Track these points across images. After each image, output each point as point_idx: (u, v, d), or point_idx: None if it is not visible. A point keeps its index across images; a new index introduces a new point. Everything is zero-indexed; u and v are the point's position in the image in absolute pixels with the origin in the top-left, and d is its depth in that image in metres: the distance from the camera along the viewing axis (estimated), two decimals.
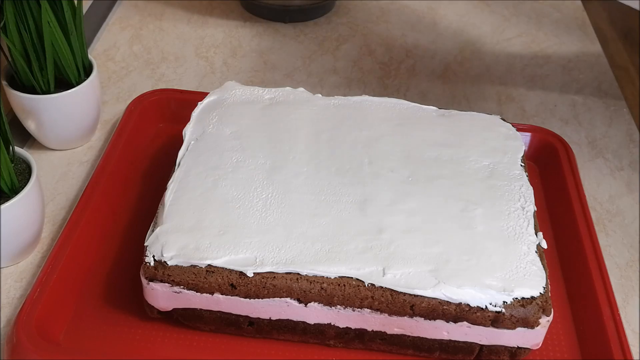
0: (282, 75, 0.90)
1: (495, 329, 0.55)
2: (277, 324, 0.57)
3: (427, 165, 0.64)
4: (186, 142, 0.66)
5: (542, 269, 0.56)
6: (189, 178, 0.61)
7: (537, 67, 0.94)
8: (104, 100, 0.83)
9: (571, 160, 0.74)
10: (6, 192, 0.60)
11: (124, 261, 0.64)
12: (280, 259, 0.55)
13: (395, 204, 0.60)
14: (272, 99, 0.71)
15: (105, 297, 0.61)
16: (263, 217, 0.58)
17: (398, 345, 0.58)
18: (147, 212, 0.66)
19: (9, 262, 0.64)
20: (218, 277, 0.55)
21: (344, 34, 0.98)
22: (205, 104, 0.70)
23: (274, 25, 0.99)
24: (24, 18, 0.65)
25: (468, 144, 0.67)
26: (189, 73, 0.89)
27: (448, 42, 0.97)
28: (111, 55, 0.92)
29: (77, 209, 0.65)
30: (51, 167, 0.74)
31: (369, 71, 0.91)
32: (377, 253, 0.56)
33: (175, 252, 0.55)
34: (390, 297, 0.54)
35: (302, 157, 0.64)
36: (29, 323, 0.56)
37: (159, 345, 0.58)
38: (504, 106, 0.87)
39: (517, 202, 0.61)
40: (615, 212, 0.73)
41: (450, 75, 0.91)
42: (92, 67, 0.74)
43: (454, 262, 0.55)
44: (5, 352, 0.56)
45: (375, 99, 0.72)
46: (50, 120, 0.72)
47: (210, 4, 1.03)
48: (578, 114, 0.86)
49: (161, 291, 0.56)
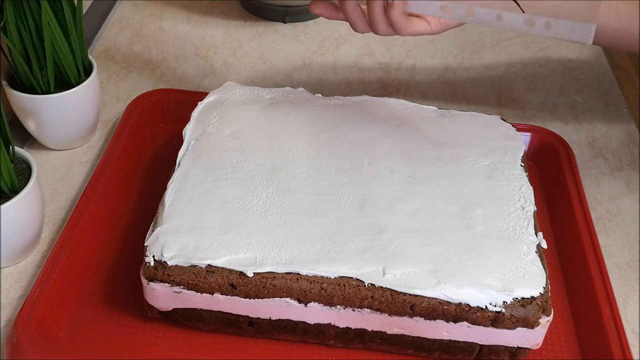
0: (282, 75, 0.90)
1: (495, 329, 0.55)
2: (277, 324, 0.57)
3: (427, 165, 0.64)
4: (186, 142, 0.66)
5: (542, 269, 0.56)
6: (189, 178, 0.61)
7: (537, 67, 0.94)
8: (104, 100, 0.83)
9: (571, 160, 0.74)
10: (6, 192, 0.60)
11: (124, 261, 0.64)
12: (280, 259, 0.55)
13: (395, 204, 0.60)
14: (272, 99, 0.71)
15: (105, 297, 0.61)
16: (263, 217, 0.58)
17: (398, 345, 0.58)
18: (147, 212, 0.65)
19: (9, 262, 0.64)
20: (218, 277, 0.55)
21: (344, 34, 0.98)
22: (205, 104, 0.70)
23: (274, 25, 0.99)
24: (24, 18, 0.65)
25: (468, 144, 0.67)
26: (189, 73, 0.89)
27: (448, 42, 0.97)
28: (111, 55, 0.92)
29: (77, 209, 0.65)
30: (51, 167, 0.74)
31: (369, 71, 0.91)
32: (377, 253, 0.56)
33: (175, 252, 0.55)
34: (390, 297, 0.54)
35: (302, 157, 0.64)
36: (29, 323, 0.56)
37: (159, 345, 0.58)
38: (504, 106, 0.87)
39: (517, 202, 0.61)
40: (615, 212, 0.73)
41: (450, 75, 0.91)
42: (92, 67, 0.74)
43: (454, 262, 0.55)
44: (5, 352, 0.56)
45: (375, 99, 0.72)
46: (50, 120, 0.72)
47: (210, 4, 1.03)
48: (578, 114, 0.86)
49: (161, 291, 0.56)
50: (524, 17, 0.56)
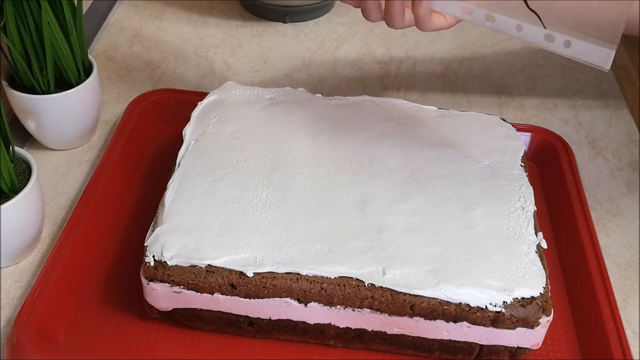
0: (282, 75, 0.90)
1: (495, 329, 0.55)
2: (277, 324, 0.57)
3: (427, 165, 0.64)
4: (186, 142, 0.66)
5: (542, 269, 0.56)
6: (189, 178, 0.61)
7: (537, 67, 0.94)
8: (104, 100, 0.83)
9: (571, 160, 0.74)
10: (6, 192, 0.60)
11: (124, 261, 0.64)
12: (280, 259, 0.55)
13: (395, 204, 0.60)
14: (272, 99, 0.71)
15: (105, 297, 0.61)
16: (263, 217, 0.58)
17: (398, 345, 0.58)
18: (147, 212, 0.65)
19: (9, 262, 0.64)
20: (218, 277, 0.55)
21: (344, 34, 0.98)
22: (205, 104, 0.70)
23: (274, 25, 0.99)
24: (24, 18, 0.65)
25: (468, 144, 0.67)
26: (189, 73, 0.89)
27: (448, 42, 0.97)
28: (111, 55, 0.92)
29: (77, 209, 0.65)
30: (51, 167, 0.74)
31: (369, 71, 0.91)
32: (377, 253, 0.56)
33: (175, 252, 0.55)
34: (390, 297, 0.54)
35: (302, 157, 0.64)
36: (29, 323, 0.56)
37: (159, 345, 0.58)
38: (504, 106, 0.87)
39: (517, 202, 0.61)
40: (615, 212, 0.73)
41: (450, 75, 0.91)
42: (92, 67, 0.74)
43: (454, 262, 0.55)
44: (5, 352, 0.56)
45: (375, 99, 0.72)
46: (50, 120, 0.72)
47: (210, 4, 1.03)
48: (578, 114, 0.86)
49: (161, 291, 0.56)
50: (544, 32, 0.54)
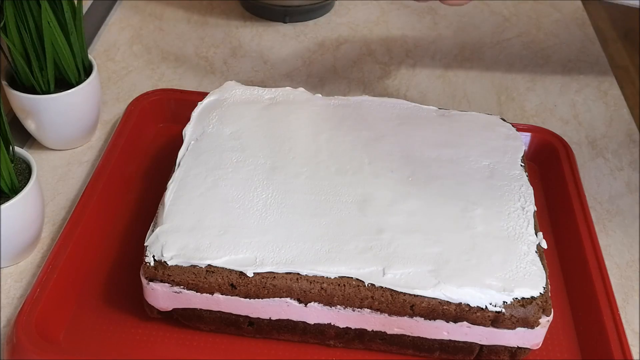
0: (282, 75, 0.90)
1: (495, 329, 0.55)
2: (277, 324, 0.57)
3: (427, 165, 0.64)
4: (186, 142, 0.66)
5: (542, 269, 0.56)
6: (189, 178, 0.61)
7: (537, 67, 0.94)
8: (104, 100, 0.83)
9: (571, 160, 0.74)
10: (6, 192, 0.60)
11: (124, 261, 0.64)
12: (280, 259, 0.55)
13: (395, 204, 0.60)
14: (272, 99, 0.71)
15: (105, 297, 0.61)
16: (263, 217, 0.58)
17: (398, 345, 0.58)
18: (147, 212, 0.65)
19: (9, 262, 0.64)
20: (218, 277, 0.55)
21: (344, 34, 0.98)
22: (205, 104, 0.70)
23: (274, 25, 0.99)
24: (24, 18, 0.65)
25: (468, 144, 0.67)
26: (189, 73, 0.89)
27: (448, 42, 0.97)
28: (111, 55, 0.92)
29: (77, 209, 0.65)
30: (51, 167, 0.74)
31: (369, 71, 0.91)
32: (377, 253, 0.56)
33: (175, 252, 0.55)
34: (390, 297, 0.54)
35: (302, 157, 0.64)
36: (29, 323, 0.56)
37: (159, 345, 0.58)
38: (504, 106, 0.87)
39: (517, 202, 0.61)
40: (615, 212, 0.73)
41: (450, 75, 0.91)
42: (92, 67, 0.74)
43: (454, 262, 0.55)
44: (5, 352, 0.56)
45: (375, 99, 0.72)
46: (50, 120, 0.72)
47: (210, 4, 1.03)
48: (578, 114, 0.86)
49: (161, 291, 0.56)
50: None
